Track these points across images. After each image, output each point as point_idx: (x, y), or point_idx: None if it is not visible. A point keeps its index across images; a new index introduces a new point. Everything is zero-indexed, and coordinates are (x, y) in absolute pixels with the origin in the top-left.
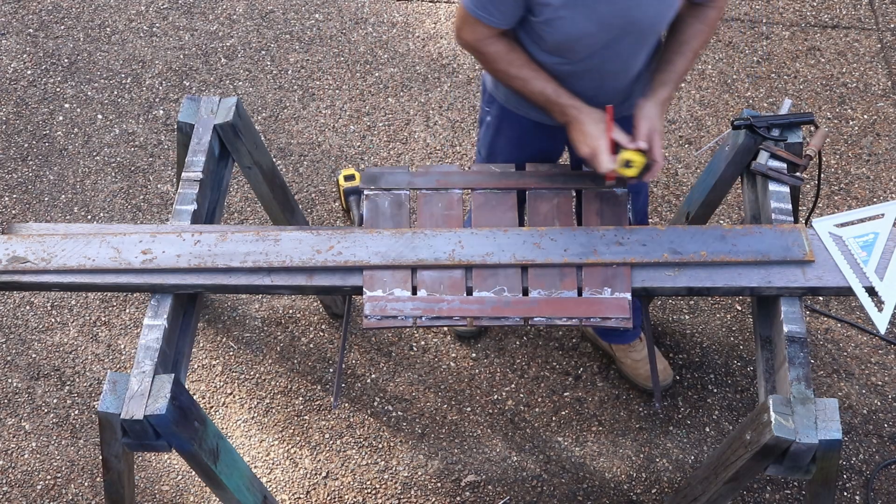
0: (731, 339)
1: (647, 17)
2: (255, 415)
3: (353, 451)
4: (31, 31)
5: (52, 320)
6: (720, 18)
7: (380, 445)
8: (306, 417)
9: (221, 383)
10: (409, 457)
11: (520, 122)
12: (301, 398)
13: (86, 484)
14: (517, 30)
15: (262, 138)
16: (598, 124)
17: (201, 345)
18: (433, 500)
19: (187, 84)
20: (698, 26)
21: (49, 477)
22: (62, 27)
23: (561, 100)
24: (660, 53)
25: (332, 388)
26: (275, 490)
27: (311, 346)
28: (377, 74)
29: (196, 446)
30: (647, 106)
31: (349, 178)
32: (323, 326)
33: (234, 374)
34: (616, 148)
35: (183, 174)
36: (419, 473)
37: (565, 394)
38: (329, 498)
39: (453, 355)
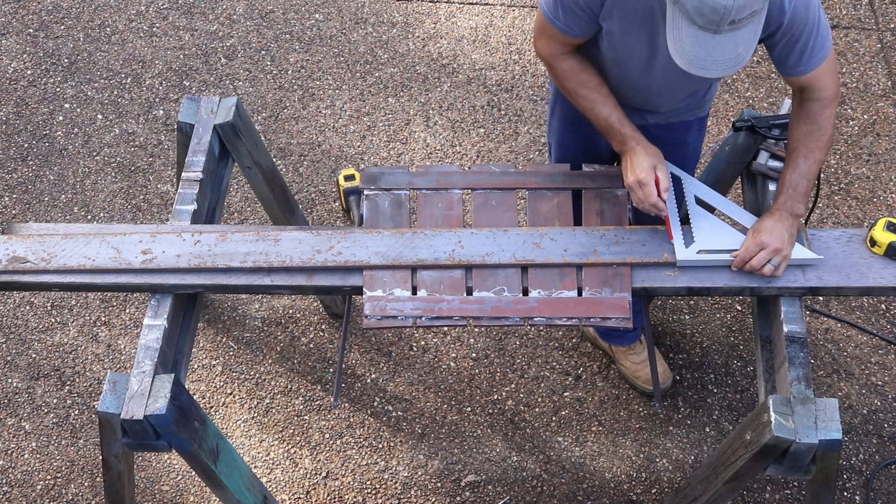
0: (731, 339)
1: None
2: (255, 415)
3: (353, 451)
4: (31, 31)
5: (52, 320)
6: (828, 111)
7: (380, 445)
8: (306, 417)
9: (221, 383)
10: (409, 457)
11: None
12: (301, 398)
13: (86, 484)
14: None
15: (262, 138)
16: (650, 159)
17: (201, 345)
18: (433, 500)
19: (187, 84)
20: (804, 128)
21: (49, 477)
22: (62, 27)
23: (624, 129)
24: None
25: (332, 388)
26: (275, 490)
27: (311, 346)
28: (377, 74)
29: (196, 446)
30: (760, 220)
31: (349, 178)
32: (323, 326)
33: (234, 374)
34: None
35: (183, 174)
36: (419, 473)
37: (565, 394)
38: (329, 498)
39: (453, 355)
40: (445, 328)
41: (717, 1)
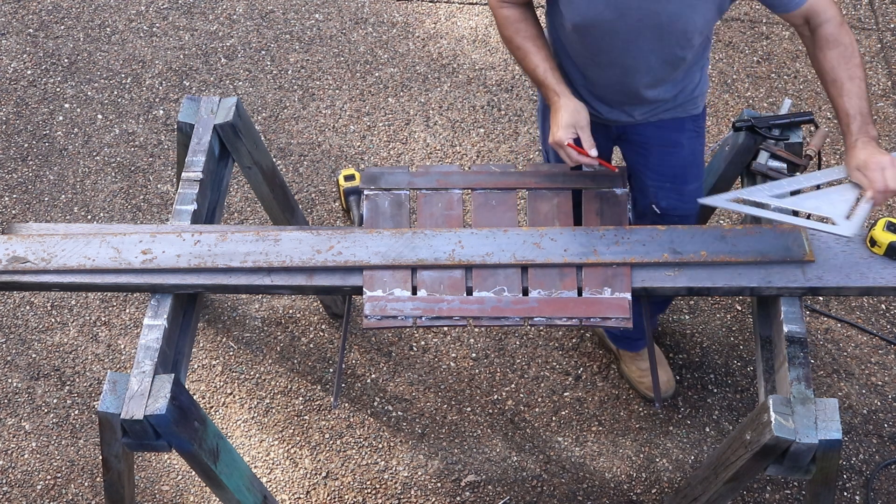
0: (731, 339)
1: (666, 11)
2: (255, 415)
3: (353, 451)
4: (31, 31)
5: (52, 320)
6: (844, 29)
7: (380, 445)
8: (306, 417)
9: (221, 383)
10: (409, 457)
11: None
12: (301, 398)
13: (86, 484)
14: (547, 10)
15: (262, 138)
16: (569, 117)
17: (201, 345)
18: (433, 500)
19: (187, 84)
20: (832, 53)
21: (49, 477)
22: (62, 27)
23: (547, 81)
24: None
25: (332, 388)
26: (275, 490)
27: (311, 346)
28: (377, 74)
29: (196, 446)
30: (852, 156)
31: (349, 178)
32: (323, 326)
33: (234, 374)
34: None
35: (183, 174)
36: (419, 473)
37: (565, 394)
38: (329, 498)
39: (453, 355)
40: (445, 328)
41: None
